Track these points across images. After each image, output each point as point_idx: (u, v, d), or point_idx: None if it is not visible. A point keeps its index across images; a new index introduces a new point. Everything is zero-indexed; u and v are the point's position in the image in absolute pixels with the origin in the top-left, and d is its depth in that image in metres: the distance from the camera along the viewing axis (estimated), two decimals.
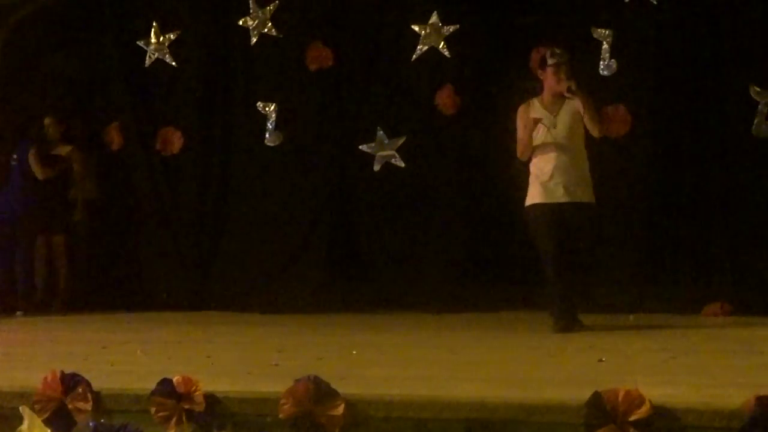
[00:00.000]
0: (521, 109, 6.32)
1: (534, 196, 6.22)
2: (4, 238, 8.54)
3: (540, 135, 6.18)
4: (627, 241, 7.72)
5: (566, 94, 6.11)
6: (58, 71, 9.02)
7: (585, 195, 6.16)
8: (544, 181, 6.17)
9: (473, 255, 8.09)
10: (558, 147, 6.12)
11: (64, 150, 8.55)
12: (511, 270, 7.83)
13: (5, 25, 8.99)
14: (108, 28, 8.84)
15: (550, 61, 6.19)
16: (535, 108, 6.26)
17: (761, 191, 7.49)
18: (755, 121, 7.51)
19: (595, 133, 6.15)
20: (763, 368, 4.60)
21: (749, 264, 7.42)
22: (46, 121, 8.61)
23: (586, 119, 6.10)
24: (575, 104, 6.14)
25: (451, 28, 8.06)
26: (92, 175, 8.81)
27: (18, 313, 8.28)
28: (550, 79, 6.21)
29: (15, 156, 8.55)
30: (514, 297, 7.59)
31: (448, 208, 8.09)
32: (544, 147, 6.17)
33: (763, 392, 3.39)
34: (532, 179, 6.26)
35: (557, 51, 6.18)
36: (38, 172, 8.43)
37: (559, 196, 6.12)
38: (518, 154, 6.30)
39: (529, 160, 6.27)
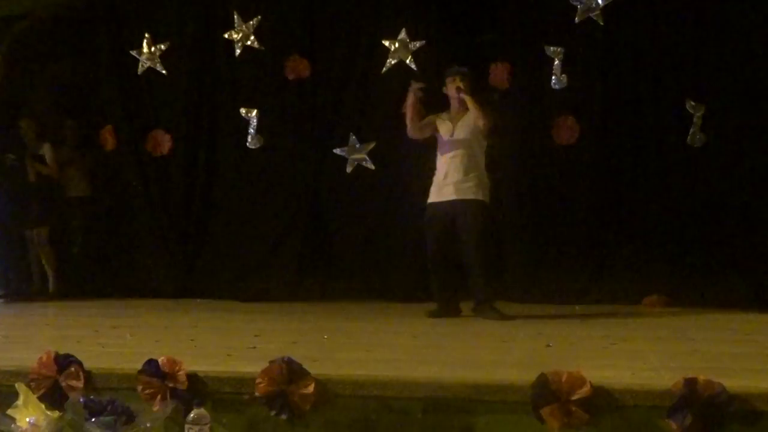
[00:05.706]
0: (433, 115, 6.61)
1: (430, 195, 6.49)
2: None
3: (440, 141, 6.46)
4: (574, 238, 7.77)
5: (457, 94, 6.39)
6: (58, 77, 8.93)
7: (475, 194, 6.31)
8: (438, 180, 6.43)
9: None
10: (454, 152, 6.34)
11: (41, 149, 8.46)
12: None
13: (9, 35, 8.90)
14: (103, 39, 8.76)
15: (446, 74, 6.50)
16: (441, 119, 6.53)
17: (694, 195, 7.57)
18: (690, 132, 7.62)
19: (479, 123, 6.30)
20: (693, 353, 4.68)
21: (684, 259, 7.49)
22: (23, 123, 8.53)
23: (471, 111, 6.28)
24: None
25: (418, 44, 8.08)
26: (87, 173, 8.78)
27: None
28: (449, 89, 6.50)
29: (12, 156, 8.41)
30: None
31: (412, 206, 8.08)
32: (443, 151, 6.42)
33: (691, 375, 3.44)
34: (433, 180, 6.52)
35: (451, 67, 6.51)
36: None
37: (449, 194, 6.33)
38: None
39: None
